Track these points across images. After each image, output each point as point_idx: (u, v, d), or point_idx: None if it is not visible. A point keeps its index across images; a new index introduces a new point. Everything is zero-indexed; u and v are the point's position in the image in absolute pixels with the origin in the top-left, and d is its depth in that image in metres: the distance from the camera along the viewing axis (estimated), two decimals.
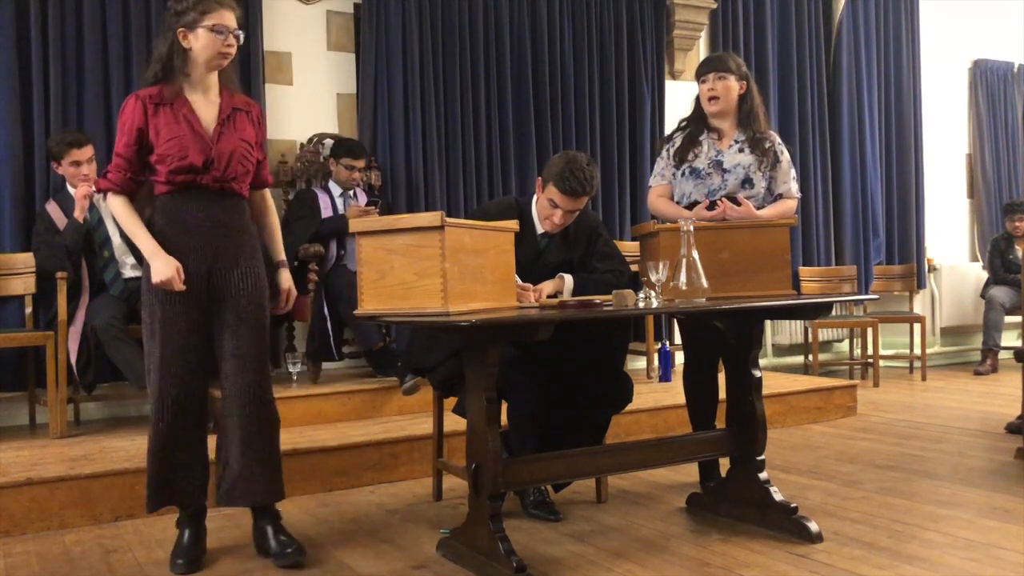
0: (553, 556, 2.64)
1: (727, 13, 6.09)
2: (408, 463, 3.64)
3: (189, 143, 2.50)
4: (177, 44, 2.50)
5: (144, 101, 2.51)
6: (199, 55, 2.50)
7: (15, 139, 4.14)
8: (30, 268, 4.05)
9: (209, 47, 2.49)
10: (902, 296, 6.81)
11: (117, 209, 2.55)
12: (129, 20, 4.36)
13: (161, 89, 2.53)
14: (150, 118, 2.50)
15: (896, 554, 2.56)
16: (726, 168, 3.15)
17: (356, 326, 4.27)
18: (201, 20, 2.46)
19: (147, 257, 2.50)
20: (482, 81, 5.17)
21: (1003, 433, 4.23)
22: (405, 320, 2.42)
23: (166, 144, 2.49)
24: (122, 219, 2.54)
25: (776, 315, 3.68)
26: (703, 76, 3.18)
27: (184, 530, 2.65)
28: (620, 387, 3.01)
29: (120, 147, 2.51)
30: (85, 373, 3.81)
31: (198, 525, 2.67)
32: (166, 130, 2.49)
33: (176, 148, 2.48)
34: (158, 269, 2.46)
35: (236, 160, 2.56)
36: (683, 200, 3.21)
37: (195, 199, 2.54)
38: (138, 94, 2.53)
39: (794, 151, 6.08)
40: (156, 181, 2.54)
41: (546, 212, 2.98)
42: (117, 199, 2.54)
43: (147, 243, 2.49)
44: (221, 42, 2.49)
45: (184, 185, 2.52)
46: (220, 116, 2.57)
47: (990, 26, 7.43)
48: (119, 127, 2.53)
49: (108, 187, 2.54)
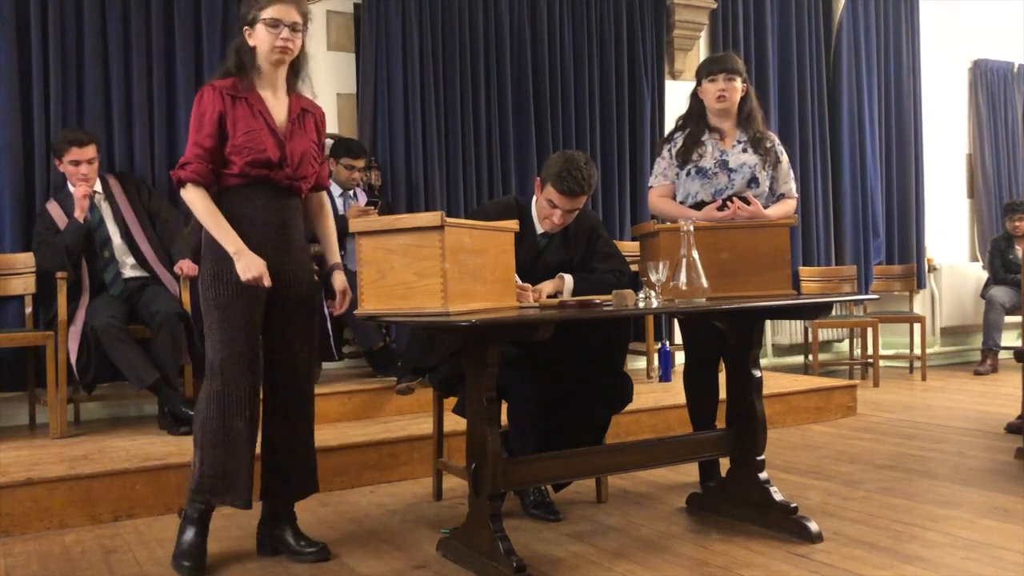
0: (553, 556, 2.64)
1: (727, 13, 6.09)
2: (408, 463, 3.64)
3: (265, 137, 2.52)
4: (244, 42, 2.54)
5: (222, 91, 2.51)
6: (261, 51, 2.53)
7: (15, 139, 4.13)
8: (30, 268, 4.05)
9: (266, 40, 2.51)
10: (902, 296, 6.81)
11: (197, 202, 2.49)
12: (129, 20, 4.36)
13: (235, 82, 2.54)
14: (228, 109, 2.50)
15: (896, 554, 2.56)
16: (732, 168, 3.16)
17: (356, 326, 4.27)
18: (259, 16, 2.50)
19: (233, 253, 2.46)
20: (482, 81, 5.17)
21: (1003, 433, 4.23)
22: (405, 320, 2.42)
23: (244, 136, 2.49)
24: (202, 212, 2.49)
25: (776, 315, 3.68)
26: (712, 75, 3.17)
27: (190, 529, 2.59)
28: (620, 387, 3.01)
29: (201, 137, 2.48)
30: (85, 373, 3.81)
31: (206, 524, 2.62)
32: (243, 122, 2.50)
33: (254, 141, 2.50)
34: (249, 266, 2.45)
35: (307, 160, 2.61)
36: (688, 200, 3.20)
37: (265, 195, 2.55)
38: (214, 84, 2.53)
39: (794, 151, 6.12)
40: (227, 174, 2.52)
41: (545, 212, 2.97)
42: (197, 191, 2.48)
43: (232, 239, 2.47)
44: (276, 35, 2.50)
45: (257, 179, 2.52)
46: (291, 115, 2.60)
47: (990, 26, 7.43)
48: (196, 117, 2.49)
49: (190, 178, 2.47)
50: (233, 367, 2.51)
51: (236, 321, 2.51)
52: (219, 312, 2.52)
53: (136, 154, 4.36)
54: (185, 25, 4.46)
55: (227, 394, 2.51)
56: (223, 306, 2.51)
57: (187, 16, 4.46)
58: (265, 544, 2.71)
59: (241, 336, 2.52)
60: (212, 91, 2.51)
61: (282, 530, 2.69)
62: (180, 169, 2.50)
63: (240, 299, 2.51)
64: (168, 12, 4.45)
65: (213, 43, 4.50)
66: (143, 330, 3.88)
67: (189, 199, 2.51)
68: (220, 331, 2.52)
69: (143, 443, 3.61)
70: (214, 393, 2.52)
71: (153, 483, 3.18)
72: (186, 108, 4.42)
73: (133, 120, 4.36)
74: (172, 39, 4.45)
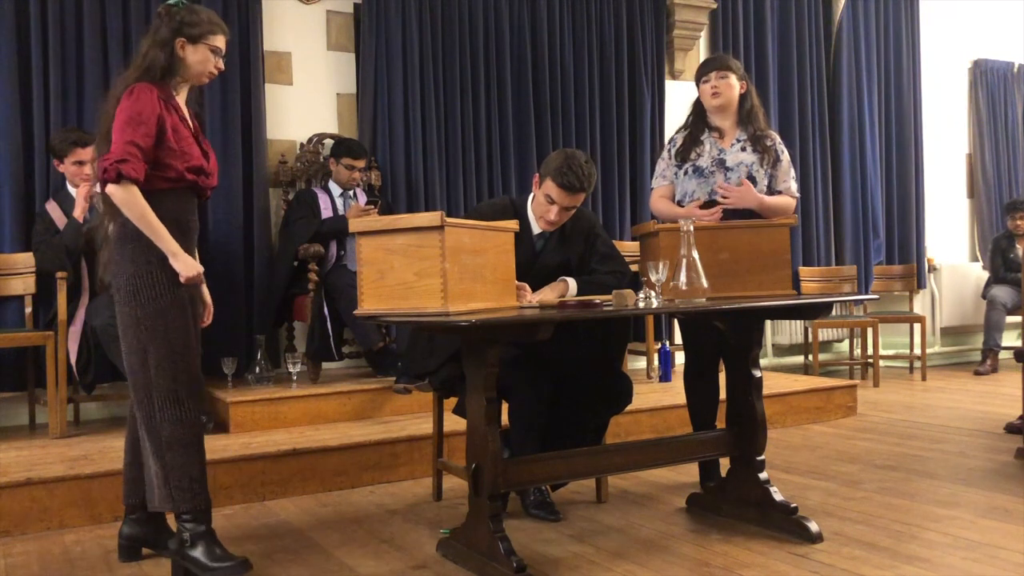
0: (553, 556, 2.64)
1: (727, 13, 6.09)
2: (408, 463, 3.64)
3: (194, 145, 2.55)
4: (174, 50, 2.52)
5: (156, 94, 2.48)
6: (192, 67, 2.55)
7: (15, 139, 4.14)
8: (30, 268, 4.05)
9: (205, 63, 2.55)
10: (902, 296, 6.82)
11: (133, 201, 2.40)
12: (129, 20, 4.36)
13: (161, 87, 2.52)
14: (164, 112, 2.49)
15: (896, 554, 2.56)
16: (729, 167, 3.16)
17: (356, 326, 4.27)
18: (205, 38, 2.53)
19: (171, 254, 2.43)
20: (482, 81, 5.17)
21: (1003, 433, 4.23)
22: (405, 320, 2.41)
23: (182, 142, 2.50)
24: (139, 212, 2.41)
25: (776, 315, 3.68)
26: (704, 76, 3.21)
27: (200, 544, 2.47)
28: (620, 387, 3.01)
29: (138, 136, 2.40)
30: (85, 373, 3.81)
31: (210, 528, 2.53)
32: (179, 129, 2.51)
33: (189, 147, 2.52)
34: (188, 265, 2.45)
35: (215, 168, 2.66)
36: (685, 199, 3.21)
37: (190, 200, 2.57)
38: (150, 86, 2.48)
39: (794, 151, 6.12)
40: (161, 177, 2.47)
41: (542, 209, 2.96)
42: (133, 190, 2.40)
43: (169, 240, 2.44)
44: (214, 62, 2.58)
45: (188, 185, 2.54)
46: (195, 125, 2.64)
47: (990, 26, 7.43)
48: (133, 115, 2.41)
49: (131, 176, 2.38)
50: (186, 370, 2.47)
51: (176, 322, 2.46)
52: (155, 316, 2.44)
53: None
54: None
55: (182, 399, 2.46)
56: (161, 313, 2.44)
57: None
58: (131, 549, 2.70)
59: (186, 335, 2.48)
60: (150, 92, 2.46)
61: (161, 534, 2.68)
62: (118, 164, 2.37)
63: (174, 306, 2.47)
64: None
65: None
66: None
67: (123, 198, 2.40)
68: (165, 342, 2.44)
69: None
70: (170, 402, 2.45)
71: None
72: None
73: None
74: None
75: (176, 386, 2.45)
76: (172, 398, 2.45)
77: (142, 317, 2.45)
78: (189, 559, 2.45)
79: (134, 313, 2.45)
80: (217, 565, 2.42)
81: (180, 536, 2.49)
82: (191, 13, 2.53)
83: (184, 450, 2.45)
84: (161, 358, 2.45)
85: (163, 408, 2.45)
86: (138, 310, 2.44)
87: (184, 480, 2.45)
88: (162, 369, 2.45)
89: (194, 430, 2.48)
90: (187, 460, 2.45)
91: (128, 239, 2.45)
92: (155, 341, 2.44)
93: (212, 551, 2.45)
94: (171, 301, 2.46)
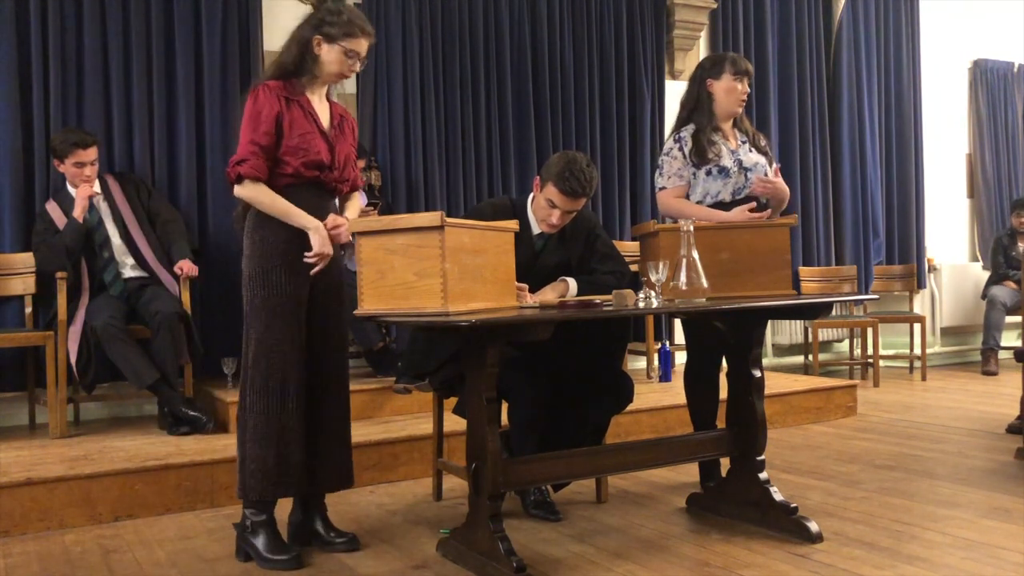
0: (553, 556, 2.64)
1: (727, 13, 6.09)
2: (408, 463, 3.64)
3: (318, 140, 2.59)
4: (310, 47, 2.57)
5: (276, 92, 2.54)
6: (326, 66, 2.59)
7: (15, 139, 4.14)
8: (30, 268, 4.05)
9: (338, 63, 2.59)
10: (902, 296, 6.82)
11: (260, 194, 2.53)
12: (129, 20, 4.36)
13: (287, 84, 2.58)
14: (284, 110, 2.54)
15: (896, 554, 2.56)
16: (747, 167, 3.18)
17: (356, 326, 4.27)
18: (342, 40, 2.57)
19: (311, 229, 2.54)
20: (482, 81, 5.17)
21: (1003, 433, 4.23)
22: (405, 320, 2.41)
23: (299, 138, 2.54)
24: (269, 202, 2.53)
25: (776, 315, 3.68)
26: (739, 75, 3.18)
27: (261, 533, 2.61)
28: (620, 387, 3.01)
29: (258, 136, 2.51)
30: (85, 373, 3.81)
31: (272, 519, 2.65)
32: (298, 124, 2.55)
33: (308, 143, 2.56)
34: (324, 242, 2.54)
35: (349, 163, 2.71)
36: (707, 200, 3.17)
37: (313, 195, 2.62)
38: (267, 84, 2.56)
39: (794, 151, 6.13)
40: (279, 173, 2.56)
41: (543, 213, 2.95)
42: (257, 186, 2.53)
43: (304, 217, 2.54)
44: (348, 65, 2.61)
45: (308, 180, 2.58)
46: (333, 120, 2.68)
47: (990, 26, 7.43)
48: (252, 116, 2.52)
49: (249, 174, 2.50)
50: (282, 362, 2.56)
51: (284, 319, 2.56)
52: (266, 312, 2.56)
53: (136, 154, 4.36)
54: (185, 25, 4.46)
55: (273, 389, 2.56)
56: (270, 308, 2.56)
57: (187, 16, 4.46)
58: (296, 535, 2.75)
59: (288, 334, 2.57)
60: (267, 91, 2.55)
61: (313, 521, 2.75)
62: (237, 166, 2.52)
63: (290, 299, 2.57)
64: (168, 12, 4.45)
65: (212, 43, 4.50)
66: (143, 330, 3.88)
67: (249, 194, 2.55)
68: (268, 329, 2.56)
69: (143, 443, 3.61)
70: (259, 395, 2.56)
71: (153, 483, 3.18)
72: (186, 108, 4.44)
73: (133, 120, 4.37)
74: (172, 39, 4.45)
75: (268, 382, 2.56)
76: (262, 391, 2.56)
77: (250, 311, 2.59)
78: (250, 544, 2.62)
79: (247, 304, 2.59)
80: (273, 557, 2.56)
81: (243, 522, 2.64)
82: (334, 13, 2.57)
83: (263, 442, 2.57)
84: (258, 353, 2.56)
85: (252, 399, 2.57)
86: (250, 302, 2.58)
87: (258, 472, 2.57)
88: (257, 363, 2.57)
89: (276, 426, 2.57)
90: (264, 452, 2.57)
91: (256, 229, 2.58)
92: (255, 335, 2.57)
93: (271, 542, 2.60)
94: (280, 301, 2.56)
